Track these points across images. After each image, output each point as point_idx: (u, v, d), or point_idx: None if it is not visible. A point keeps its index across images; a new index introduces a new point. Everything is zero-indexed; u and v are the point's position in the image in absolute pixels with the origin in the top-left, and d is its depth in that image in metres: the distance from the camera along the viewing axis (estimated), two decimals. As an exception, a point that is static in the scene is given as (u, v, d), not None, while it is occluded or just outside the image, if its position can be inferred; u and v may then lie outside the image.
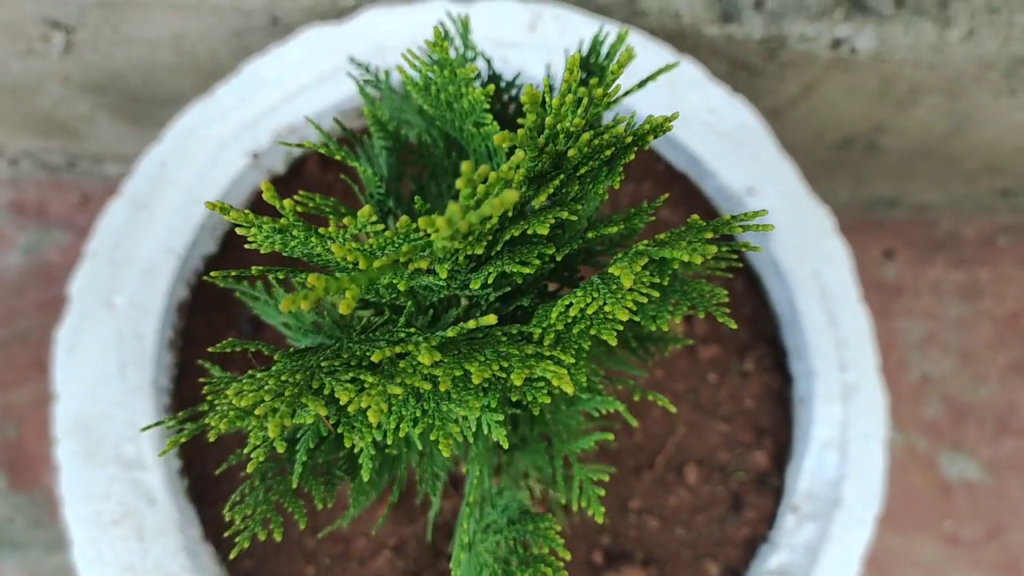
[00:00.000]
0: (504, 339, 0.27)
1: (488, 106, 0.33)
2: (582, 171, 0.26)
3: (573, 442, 0.37)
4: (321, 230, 0.28)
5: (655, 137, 0.31)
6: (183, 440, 0.35)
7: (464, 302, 0.32)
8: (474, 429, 0.32)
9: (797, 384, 0.77)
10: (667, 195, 0.44)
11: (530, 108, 0.25)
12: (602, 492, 0.37)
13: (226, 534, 0.36)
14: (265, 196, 0.28)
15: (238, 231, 0.31)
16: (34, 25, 0.89)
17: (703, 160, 0.78)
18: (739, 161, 0.77)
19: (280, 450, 0.29)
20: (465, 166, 0.22)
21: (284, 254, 0.30)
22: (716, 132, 0.78)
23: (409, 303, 0.30)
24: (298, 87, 0.78)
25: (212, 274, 0.39)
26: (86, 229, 1.29)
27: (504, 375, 0.28)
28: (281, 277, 0.34)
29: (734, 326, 0.38)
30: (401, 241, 0.25)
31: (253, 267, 0.33)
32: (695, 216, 0.39)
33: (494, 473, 0.41)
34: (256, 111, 0.78)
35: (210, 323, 0.80)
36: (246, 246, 0.32)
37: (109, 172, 1.26)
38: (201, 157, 0.78)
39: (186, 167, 0.78)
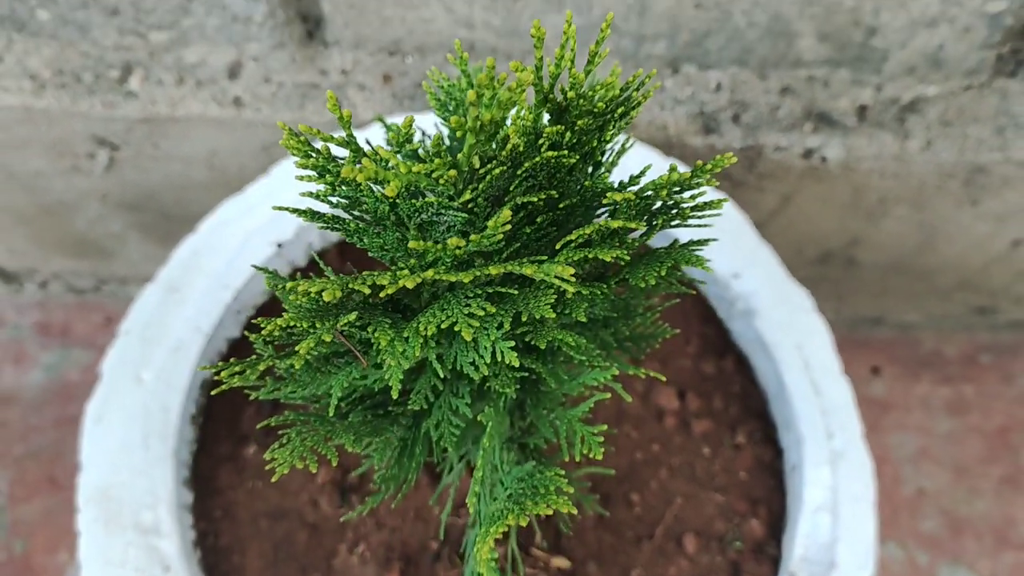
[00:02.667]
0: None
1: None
2: (580, 124, 0.33)
3: (574, 409, 0.42)
4: (358, 170, 0.34)
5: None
6: (234, 382, 0.40)
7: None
8: (488, 359, 0.37)
9: (787, 454, 0.81)
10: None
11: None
12: (601, 439, 0.41)
13: (267, 468, 0.40)
14: (329, 105, 0.34)
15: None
16: (83, 143, 0.99)
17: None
18: (723, 248, 0.85)
19: (327, 339, 0.33)
20: (471, 94, 0.28)
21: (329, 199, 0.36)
22: (702, 220, 0.85)
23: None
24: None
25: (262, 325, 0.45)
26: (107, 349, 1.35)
27: (515, 290, 0.33)
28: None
29: (673, 333, 0.44)
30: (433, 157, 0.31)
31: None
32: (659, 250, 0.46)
33: (503, 447, 0.45)
34: (284, 198, 0.86)
35: (230, 401, 0.85)
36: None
37: (133, 294, 1.33)
38: (231, 246, 0.85)
39: (217, 255, 0.85)
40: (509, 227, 0.31)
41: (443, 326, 0.32)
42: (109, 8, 0.86)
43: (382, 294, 0.31)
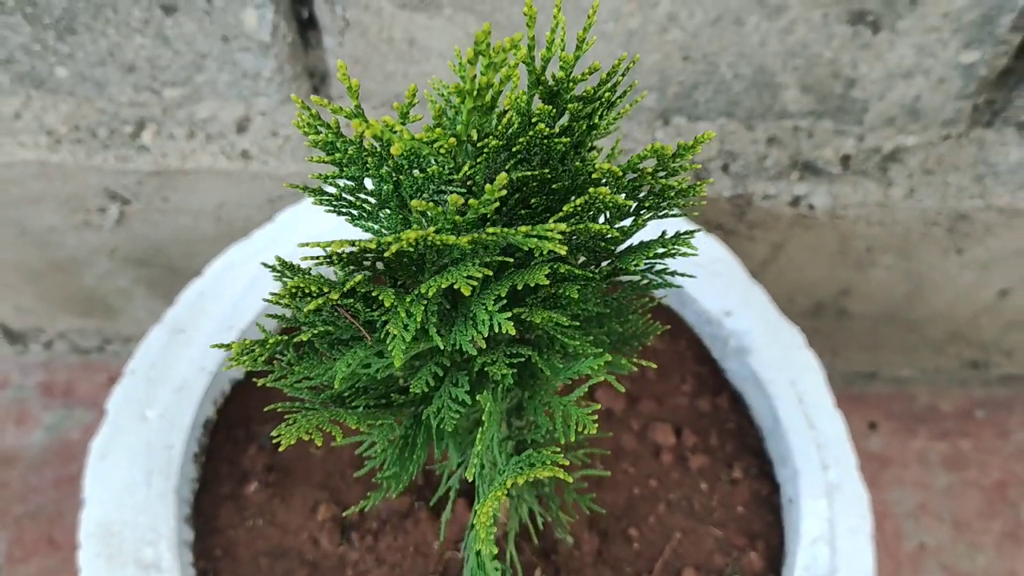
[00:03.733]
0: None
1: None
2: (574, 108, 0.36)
3: (568, 395, 0.44)
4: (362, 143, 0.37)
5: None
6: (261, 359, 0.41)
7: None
8: (485, 332, 0.39)
9: (784, 488, 0.82)
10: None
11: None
12: (595, 417, 0.43)
13: (273, 441, 0.42)
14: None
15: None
16: (95, 197, 1.02)
17: (684, 288, 0.87)
18: (715, 288, 0.87)
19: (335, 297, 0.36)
20: (479, 34, 0.30)
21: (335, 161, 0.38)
22: (694, 264, 0.88)
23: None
24: (329, 229, 0.89)
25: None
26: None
27: (511, 259, 0.36)
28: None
29: (664, 328, 0.46)
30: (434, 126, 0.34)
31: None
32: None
33: (500, 444, 0.47)
34: (287, 249, 0.88)
35: (232, 439, 0.86)
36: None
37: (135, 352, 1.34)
38: (236, 290, 0.88)
39: (222, 298, 0.87)
40: (505, 192, 0.33)
41: (443, 285, 0.34)
42: (127, 65, 0.90)
43: (387, 252, 0.33)
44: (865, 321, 1.23)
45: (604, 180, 0.36)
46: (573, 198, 0.38)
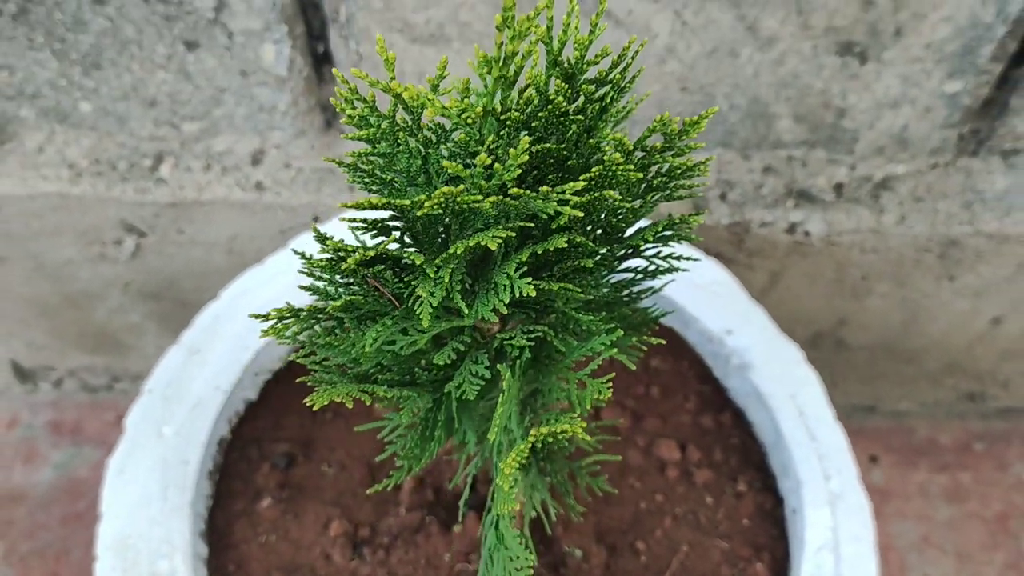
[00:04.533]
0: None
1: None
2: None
3: (583, 370, 0.46)
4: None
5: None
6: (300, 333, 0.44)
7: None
8: (507, 299, 0.41)
9: (787, 500, 0.84)
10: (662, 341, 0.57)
11: None
12: (609, 385, 0.45)
13: (307, 403, 0.44)
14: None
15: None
16: (112, 229, 1.05)
17: (686, 308, 0.90)
18: (716, 308, 0.90)
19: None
20: (498, 18, 0.34)
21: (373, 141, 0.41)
22: (695, 285, 0.91)
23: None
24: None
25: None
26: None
27: (531, 224, 0.39)
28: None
29: (667, 312, 0.49)
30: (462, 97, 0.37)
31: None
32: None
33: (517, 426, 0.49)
34: (299, 275, 0.91)
35: (246, 458, 0.88)
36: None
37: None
38: (249, 310, 0.90)
39: (237, 320, 0.90)
40: (527, 157, 0.36)
41: (470, 244, 0.37)
42: (148, 99, 0.95)
43: (419, 211, 0.36)
44: (863, 352, 1.25)
45: (616, 150, 0.39)
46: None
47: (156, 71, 0.91)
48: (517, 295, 0.40)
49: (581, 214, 0.37)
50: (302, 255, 0.48)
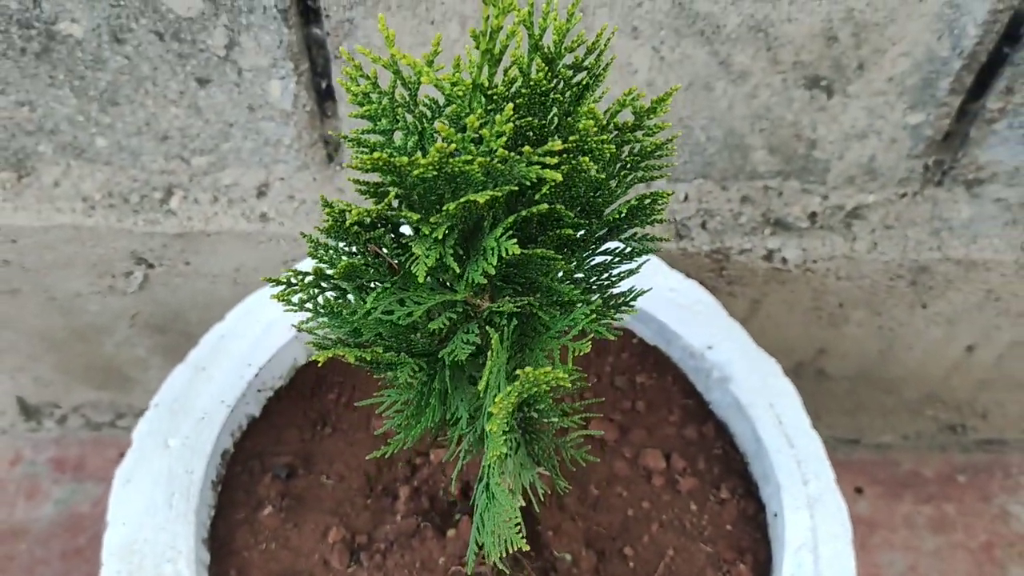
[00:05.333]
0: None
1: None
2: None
3: (565, 337, 0.51)
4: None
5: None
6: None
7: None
8: (495, 262, 0.46)
9: (768, 504, 0.87)
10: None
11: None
12: (588, 346, 0.49)
13: (312, 358, 0.48)
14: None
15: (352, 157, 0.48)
16: (122, 261, 1.10)
17: (669, 326, 0.95)
18: (697, 325, 0.95)
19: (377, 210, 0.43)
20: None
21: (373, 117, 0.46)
22: (677, 304, 0.96)
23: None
24: (338, 277, 0.97)
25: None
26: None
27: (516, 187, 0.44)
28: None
29: (646, 291, 0.54)
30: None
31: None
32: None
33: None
34: (303, 296, 0.96)
35: (248, 470, 0.91)
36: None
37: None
38: (255, 332, 0.95)
39: (242, 339, 0.94)
40: (512, 125, 0.42)
41: (461, 200, 0.42)
42: (161, 134, 1.00)
43: (416, 172, 0.41)
44: (844, 383, 1.29)
45: (589, 118, 0.44)
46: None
47: (169, 107, 0.98)
48: (504, 256, 0.45)
49: (560, 177, 0.43)
50: (308, 237, 0.53)
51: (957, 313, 1.15)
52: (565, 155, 0.45)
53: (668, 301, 0.96)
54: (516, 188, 0.44)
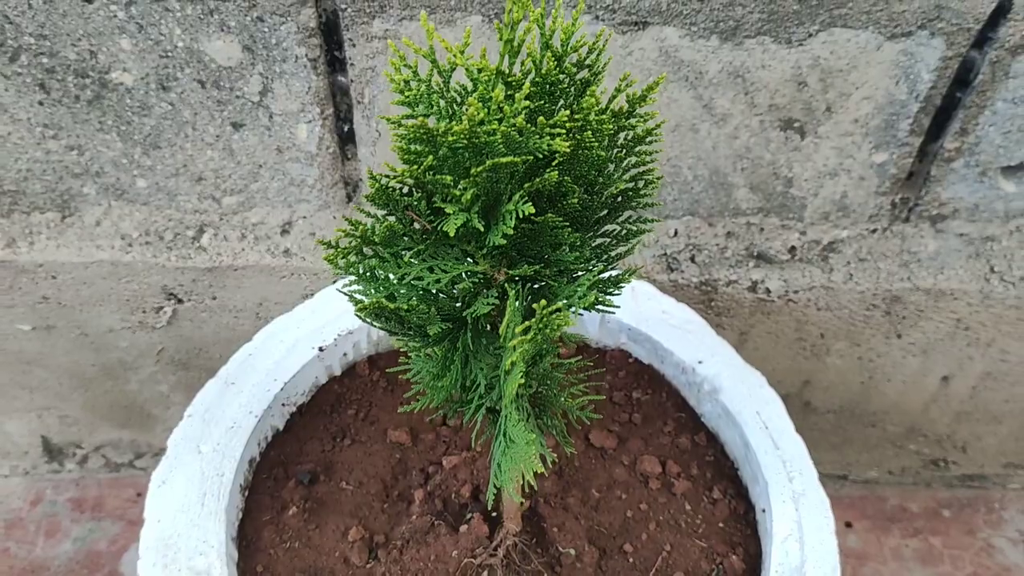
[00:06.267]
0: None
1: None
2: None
3: (572, 298, 0.60)
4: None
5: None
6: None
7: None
8: (512, 223, 0.55)
9: (757, 501, 0.94)
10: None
11: None
12: (593, 296, 0.58)
13: (356, 307, 0.56)
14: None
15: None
16: (154, 296, 1.19)
17: (662, 344, 1.03)
18: (688, 343, 1.03)
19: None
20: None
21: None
22: (669, 324, 1.04)
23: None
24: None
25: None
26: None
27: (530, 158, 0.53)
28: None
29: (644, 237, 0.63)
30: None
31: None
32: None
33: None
34: (324, 319, 1.04)
35: (274, 477, 0.98)
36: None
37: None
38: (280, 351, 1.03)
39: (269, 356, 1.02)
40: (528, 103, 0.51)
41: (488, 165, 0.51)
42: (196, 175, 1.10)
43: (450, 138, 0.50)
44: (829, 416, 1.37)
45: (590, 96, 0.54)
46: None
47: (205, 149, 1.08)
48: (521, 216, 0.54)
49: (567, 148, 0.52)
50: (358, 208, 0.62)
51: (931, 343, 1.23)
52: (571, 132, 0.54)
53: (661, 322, 1.05)
54: (531, 158, 0.53)
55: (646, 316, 1.05)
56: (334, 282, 1.16)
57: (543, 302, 0.51)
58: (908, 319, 1.20)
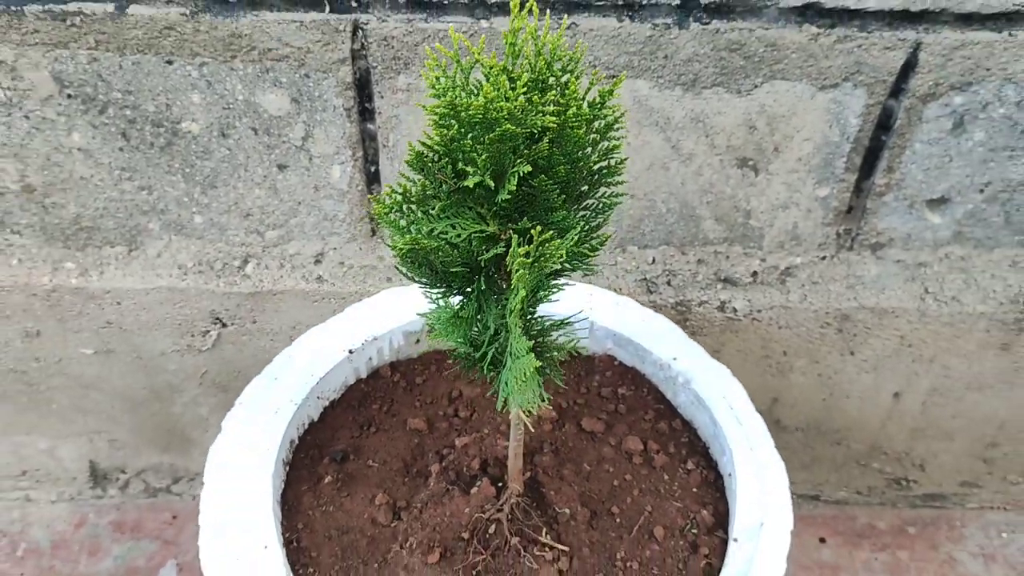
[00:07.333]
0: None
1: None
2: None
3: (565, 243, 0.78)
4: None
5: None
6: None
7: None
8: (515, 184, 0.74)
9: (724, 469, 1.10)
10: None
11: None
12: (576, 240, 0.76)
13: (392, 246, 0.75)
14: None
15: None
16: (202, 320, 1.37)
17: (642, 344, 1.21)
18: (665, 344, 1.21)
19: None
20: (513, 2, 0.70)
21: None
22: (648, 330, 1.22)
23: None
24: (382, 314, 1.24)
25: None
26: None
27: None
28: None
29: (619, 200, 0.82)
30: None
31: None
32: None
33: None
34: (353, 328, 1.22)
35: (310, 456, 1.14)
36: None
37: (198, 492, 1.60)
38: (316, 352, 1.20)
39: (306, 357, 1.20)
40: (526, 88, 0.71)
41: (499, 131, 0.70)
42: (245, 212, 1.30)
43: (471, 111, 0.70)
44: (798, 434, 1.53)
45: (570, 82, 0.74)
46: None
47: (254, 188, 1.28)
48: (521, 176, 0.74)
49: (555, 124, 0.72)
50: (392, 192, 0.81)
51: (880, 359, 1.41)
52: (557, 114, 0.74)
53: (641, 328, 1.23)
54: (529, 132, 0.73)
55: (628, 324, 1.23)
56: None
57: (539, 228, 0.70)
58: (859, 336, 1.38)
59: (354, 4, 1.11)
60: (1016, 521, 1.65)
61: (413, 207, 0.78)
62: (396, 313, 1.25)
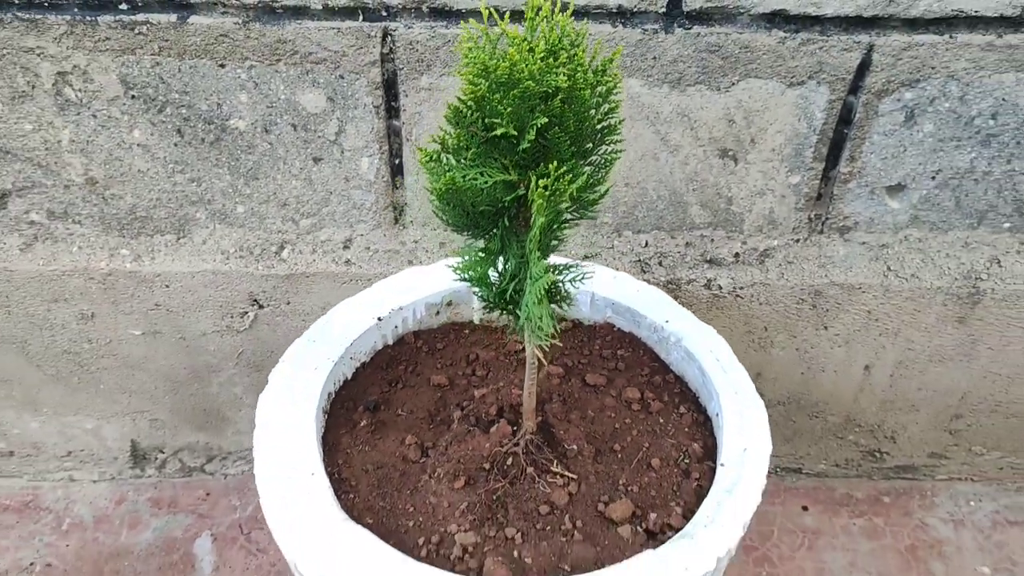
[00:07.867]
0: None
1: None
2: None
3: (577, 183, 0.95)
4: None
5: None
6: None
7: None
8: (533, 135, 0.91)
9: (712, 411, 1.25)
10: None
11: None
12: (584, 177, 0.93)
13: (432, 187, 0.91)
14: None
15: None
16: (242, 302, 1.53)
17: (639, 311, 1.37)
18: (657, 309, 1.37)
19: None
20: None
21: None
22: (643, 299, 1.39)
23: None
24: (406, 289, 1.40)
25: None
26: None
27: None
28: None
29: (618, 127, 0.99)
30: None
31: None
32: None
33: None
34: (381, 299, 1.38)
35: (346, 407, 1.29)
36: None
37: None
38: (349, 319, 1.36)
39: (340, 324, 1.35)
40: (544, 52, 0.88)
41: (521, 88, 0.87)
42: (282, 201, 1.47)
43: (498, 72, 0.86)
44: (780, 408, 1.68)
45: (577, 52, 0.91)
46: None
47: (291, 180, 1.45)
48: (539, 127, 0.90)
49: (567, 84, 0.89)
50: (434, 140, 0.98)
51: (851, 333, 1.57)
52: (568, 77, 0.91)
53: (636, 297, 1.39)
54: (545, 91, 0.90)
55: (625, 295, 1.40)
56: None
57: (555, 163, 0.87)
58: (831, 312, 1.54)
59: (384, 13, 1.29)
60: (982, 491, 1.80)
61: (450, 156, 0.95)
62: (419, 288, 1.41)
